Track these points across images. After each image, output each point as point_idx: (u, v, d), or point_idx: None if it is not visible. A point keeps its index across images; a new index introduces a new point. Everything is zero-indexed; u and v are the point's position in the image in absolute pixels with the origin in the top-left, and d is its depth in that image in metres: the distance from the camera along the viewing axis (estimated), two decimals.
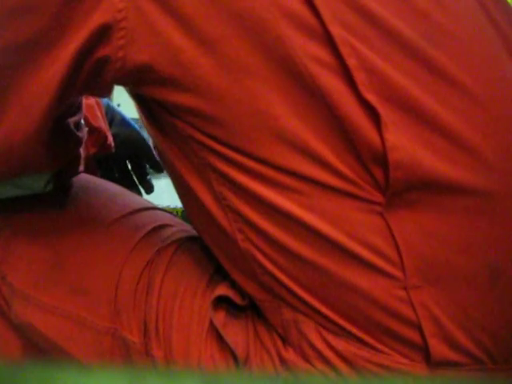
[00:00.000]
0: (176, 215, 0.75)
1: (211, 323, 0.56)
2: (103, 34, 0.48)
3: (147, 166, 0.88)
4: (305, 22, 0.47)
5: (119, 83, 0.54)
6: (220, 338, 0.55)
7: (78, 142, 0.61)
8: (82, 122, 0.63)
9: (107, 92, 0.56)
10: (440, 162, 0.48)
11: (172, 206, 1.05)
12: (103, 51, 0.49)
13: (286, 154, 0.49)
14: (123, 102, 0.84)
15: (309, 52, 0.47)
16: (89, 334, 0.60)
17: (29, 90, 0.51)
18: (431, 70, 0.48)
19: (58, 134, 0.56)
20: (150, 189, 0.89)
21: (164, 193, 0.95)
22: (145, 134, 0.82)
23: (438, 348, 0.49)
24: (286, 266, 0.51)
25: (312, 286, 0.51)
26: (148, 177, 0.89)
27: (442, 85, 0.49)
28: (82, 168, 0.67)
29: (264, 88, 0.48)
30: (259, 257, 0.52)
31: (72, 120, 0.59)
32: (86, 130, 0.64)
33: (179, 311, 0.57)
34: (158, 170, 0.88)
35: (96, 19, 0.48)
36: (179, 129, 0.52)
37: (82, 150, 0.66)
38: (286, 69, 0.47)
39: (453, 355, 0.49)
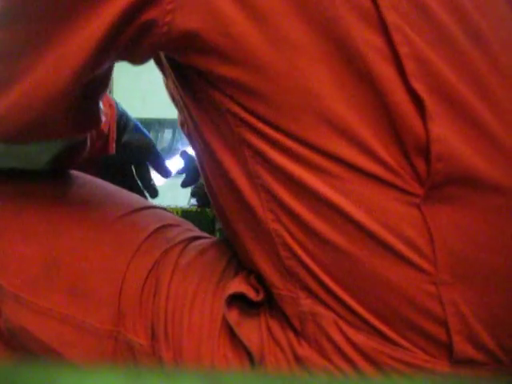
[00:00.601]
0: (176, 215, 0.75)
1: (223, 322, 0.54)
2: None
3: (151, 172, 0.89)
4: (361, 6, 0.47)
5: (162, 49, 0.53)
6: (233, 337, 0.54)
7: (98, 122, 0.60)
8: (101, 106, 0.61)
9: (145, 58, 0.54)
10: (480, 159, 0.48)
11: (172, 205, 1.05)
12: (150, 14, 0.48)
13: (328, 136, 0.48)
14: (123, 102, 0.84)
15: (363, 36, 0.46)
16: (89, 339, 0.57)
17: (64, 46, 0.49)
18: (475, 68, 0.49)
19: (84, 105, 0.54)
20: (154, 193, 0.89)
21: (164, 193, 0.96)
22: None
23: (462, 346, 0.48)
24: (315, 251, 0.50)
25: (339, 273, 0.50)
26: (152, 182, 0.89)
27: (484, 85, 0.49)
28: (85, 155, 0.65)
29: (313, 67, 0.47)
30: (288, 239, 0.51)
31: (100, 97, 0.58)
32: (103, 118, 0.62)
33: (189, 311, 0.56)
34: (166, 175, 0.88)
35: None
36: (217, 101, 0.51)
37: (89, 140, 0.64)
38: (338, 50, 0.47)
39: (475, 353, 0.49)
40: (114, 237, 0.61)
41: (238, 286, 0.55)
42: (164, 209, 0.71)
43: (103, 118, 0.62)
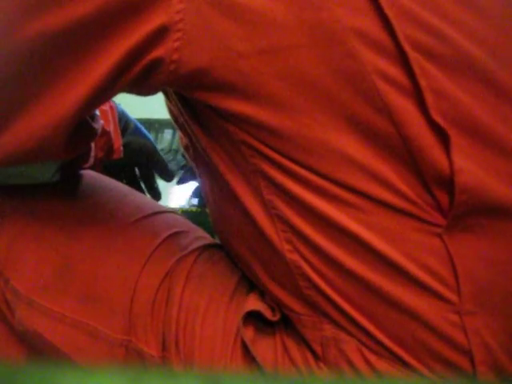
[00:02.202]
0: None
1: (237, 337, 0.54)
2: (159, 35, 0.46)
3: (155, 174, 0.88)
4: (376, 39, 0.46)
5: (170, 86, 0.52)
6: (246, 353, 0.53)
7: (94, 133, 0.59)
8: (97, 113, 0.60)
9: (152, 92, 0.53)
10: (505, 187, 0.47)
11: (172, 206, 1.05)
12: (157, 53, 0.46)
13: (346, 169, 0.47)
14: (123, 102, 0.84)
15: (379, 69, 0.46)
16: (100, 345, 0.57)
17: (68, 82, 0.48)
18: (499, 93, 0.48)
19: (82, 125, 0.53)
20: (157, 197, 0.87)
21: (164, 192, 0.95)
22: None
23: (486, 376, 0.48)
24: (336, 281, 0.50)
25: (361, 303, 0.49)
26: (156, 185, 0.88)
27: (508, 109, 0.48)
28: (91, 161, 0.65)
29: (327, 102, 0.46)
30: (307, 269, 0.50)
31: None
32: (101, 122, 0.61)
33: (202, 325, 0.55)
34: (168, 179, 0.87)
35: (153, 20, 0.45)
36: (231, 132, 0.50)
37: (92, 144, 0.64)
38: (352, 84, 0.46)
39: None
40: (127, 243, 0.60)
41: (254, 303, 0.54)
42: (174, 211, 0.70)
43: (100, 122, 0.61)
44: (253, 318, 0.54)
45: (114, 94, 0.52)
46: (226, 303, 0.56)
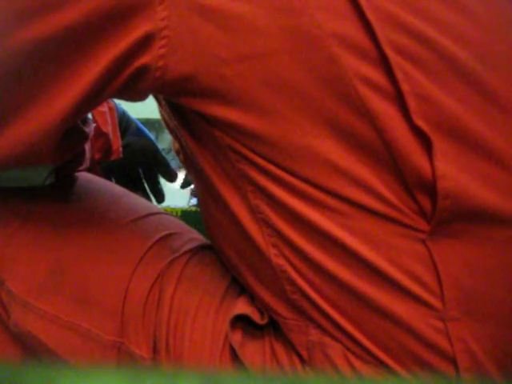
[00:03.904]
0: (176, 215, 0.75)
1: (225, 341, 0.54)
2: (145, 42, 0.46)
3: (159, 175, 0.88)
4: (358, 44, 0.45)
5: (157, 92, 0.52)
6: (235, 357, 0.53)
7: (84, 137, 0.59)
8: (90, 116, 0.60)
9: (140, 98, 0.53)
10: (490, 191, 0.46)
11: (172, 206, 1.05)
12: (143, 60, 0.47)
13: (329, 175, 0.47)
14: (123, 102, 0.84)
15: (360, 74, 0.45)
16: (93, 347, 0.57)
17: (55, 91, 0.48)
18: (485, 96, 0.47)
19: (71, 129, 0.54)
20: (160, 197, 0.88)
21: (164, 193, 0.95)
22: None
23: (470, 382, 0.47)
24: (321, 286, 0.50)
25: (346, 308, 0.49)
26: (159, 185, 0.88)
27: (495, 112, 0.47)
28: (87, 163, 0.65)
29: (309, 107, 0.46)
30: (292, 274, 0.50)
31: None
32: (93, 125, 0.61)
33: (191, 327, 0.55)
34: (171, 179, 0.87)
35: (138, 28, 0.46)
36: (217, 138, 0.50)
37: (87, 146, 0.64)
38: (334, 89, 0.46)
39: None
40: (119, 245, 0.60)
41: (243, 307, 0.54)
42: (168, 213, 0.71)
43: (92, 126, 0.61)
44: (242, 321, 0.54)
45: (102, 100, 0.52)
46: (216, 306, 0.56)
